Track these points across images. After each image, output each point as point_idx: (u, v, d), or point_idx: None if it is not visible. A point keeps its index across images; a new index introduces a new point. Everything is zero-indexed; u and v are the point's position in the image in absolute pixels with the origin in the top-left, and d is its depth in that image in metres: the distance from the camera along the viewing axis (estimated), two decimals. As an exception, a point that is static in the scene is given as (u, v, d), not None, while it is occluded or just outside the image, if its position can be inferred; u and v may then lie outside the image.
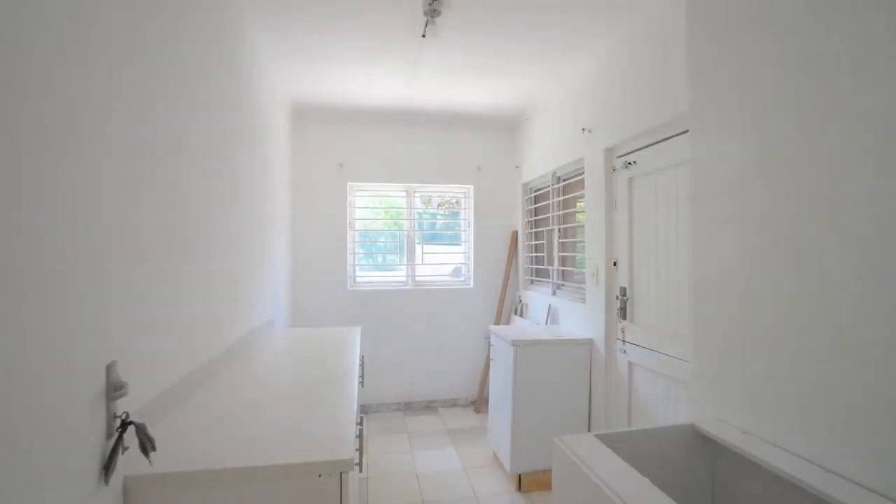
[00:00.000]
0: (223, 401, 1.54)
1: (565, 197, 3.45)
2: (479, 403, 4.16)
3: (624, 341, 2.58)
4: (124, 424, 0.98)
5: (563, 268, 3.47)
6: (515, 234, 4.32)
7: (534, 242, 4.05)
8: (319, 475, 1.11)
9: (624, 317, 2.58)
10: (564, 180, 3.47)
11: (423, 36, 2.54)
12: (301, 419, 1.38)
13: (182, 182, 1.51)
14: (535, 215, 4.03)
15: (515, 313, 4.19)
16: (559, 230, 3.48)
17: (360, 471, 1.70)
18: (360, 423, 1.68)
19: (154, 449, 1.01)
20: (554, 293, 3.53)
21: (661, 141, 2.28)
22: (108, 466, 0.93)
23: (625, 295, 2.57)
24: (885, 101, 1.04)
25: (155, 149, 1.30)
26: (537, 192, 3.99)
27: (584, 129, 2.94)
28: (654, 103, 2.25)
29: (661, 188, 2.29)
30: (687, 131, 2.06)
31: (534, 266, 4.04)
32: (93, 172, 0.96)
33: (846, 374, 1.11)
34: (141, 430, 0.99)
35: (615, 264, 2.69)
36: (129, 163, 1.14)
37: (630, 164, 2.53)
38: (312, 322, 4.04)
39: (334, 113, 3.93)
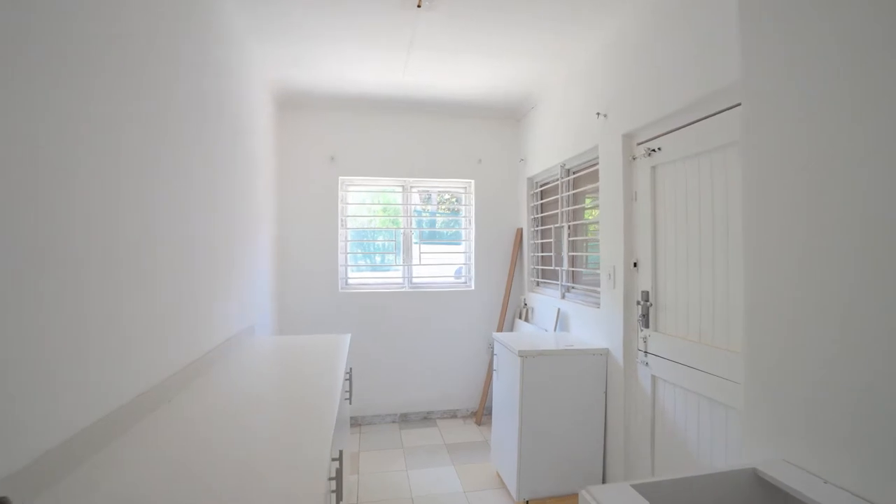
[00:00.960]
0: (159, 441, 1.24)
1: (576, 191, 3.15)
2: (481, 415, 3.85)
3: (646, 352, 2.28)
4: (-29, 501, 0.69)
5: (574, 269, 3.16)
6: (520, 231, 4.01)
7: (540, 241, 3.75)
8: (267, 555, 0.81)
9: (646, 325, 2.27)
10: (575, 172, 3.17)
11: (419, 6, 2.23)
12: (257, 462, 1.08)
13: (127, 167, 1.21)
14: (542, 212, 3.73)
15: (520, 317, 3.89)
16: (569, 227, 3.18)
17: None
18: (339, 458, 1.38)
19: (25, 530, 0.71)
20: (563, 296, 3.22)
21: (693, 123, 1.97)
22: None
23: (647, 300, 2.27)
24: None
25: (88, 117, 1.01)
26: (544, 187, 3.69)
27: (598, 114, 2.63)
28: (684, 80, 1.95)
29: (692, 177, 1.99)
30: (726, 110, 1.76)
31: (540, 267, 3.74)
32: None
33: None
34: (1, 507, 0.69)
35: (635, 265, 2.38)
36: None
37: (653, 150, 2.23)
38: (301, 327, 3.74)
39: (324, 101, 3.63)
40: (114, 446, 1.18)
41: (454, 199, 4.27)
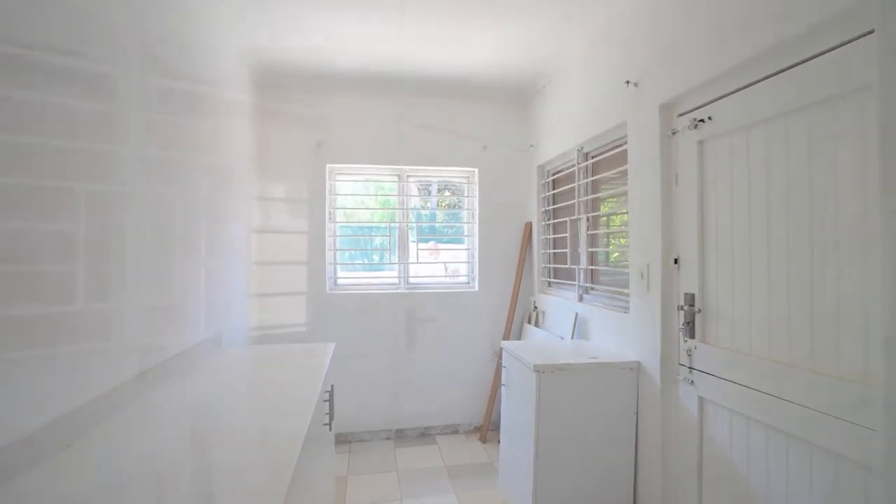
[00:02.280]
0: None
1: (596, 177, 2.74)
2: (486, 431, 3.44)
3: (691, 368, 1.87)
4: None
5: (593, 267, 2.75)
6: (529, 226, 3.60)
7: (552, 236, 3.33)
8: None
9: (691, 334, 1.86)
10: (594, 157, 2.76)
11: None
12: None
13: None
14: (554, 203, 3.32)
15: (529, 322, 3.47)
16: (588, 220, 2.76)
17: None
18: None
19: None
20: (581, 299, 2.81)
21: (762, 80, 1.56)
22: None
23: (692, 304, 1.86)
24: None
25: None
26: (556, 175, 3.28)
27: (627, 83, 2.22)
28: (748, 25, 1.54)
29: (758, 149, 1.58)
30: (820, 55, 1.34)
31: (552, 265, 3.33)
32: None
33: None
34: None
35: (676, 262, 1.97)
36: None
37: (700, 121, 1.82)
38: (284, 332, 3.33)
39: (308, 78, 3.22)
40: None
41: (455, 196, 3.86)
